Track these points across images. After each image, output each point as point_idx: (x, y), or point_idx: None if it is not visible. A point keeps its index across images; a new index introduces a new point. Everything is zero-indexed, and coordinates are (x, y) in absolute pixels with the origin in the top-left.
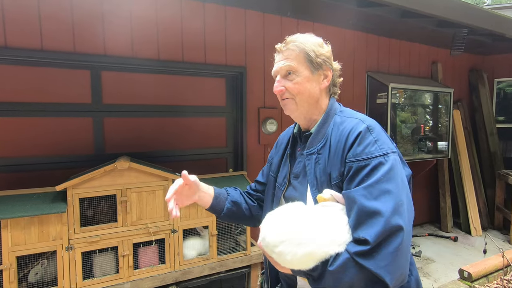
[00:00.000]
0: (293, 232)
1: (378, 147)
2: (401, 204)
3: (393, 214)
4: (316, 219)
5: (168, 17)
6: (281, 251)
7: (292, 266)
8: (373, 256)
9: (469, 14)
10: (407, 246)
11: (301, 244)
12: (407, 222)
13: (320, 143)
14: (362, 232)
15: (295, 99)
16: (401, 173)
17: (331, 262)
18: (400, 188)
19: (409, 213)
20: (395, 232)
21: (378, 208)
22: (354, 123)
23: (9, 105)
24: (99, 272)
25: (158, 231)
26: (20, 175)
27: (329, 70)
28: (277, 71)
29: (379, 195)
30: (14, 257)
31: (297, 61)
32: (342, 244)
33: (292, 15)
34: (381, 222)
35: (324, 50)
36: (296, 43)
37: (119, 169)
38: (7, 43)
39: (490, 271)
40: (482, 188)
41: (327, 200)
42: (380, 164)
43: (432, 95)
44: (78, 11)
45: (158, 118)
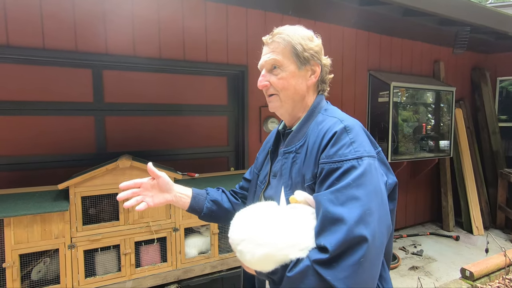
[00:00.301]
0: (253, 231)
1: (353, 150)
2: (369, 213)
3: (358, 223)
4: (281, 221)
5: (169, 16)
6: (241, 250)
7: (252, 266)
8: (333, 266)
9: (472, 12)
10: (373, 259)
11: (261, 245)
12: (376, 234)
13: (299, 142)
14: (323, 239)
15: (280, 95)
16: (376, 180)
17: (290, 267)
18: (371, 196)
19: (380, 224)
20: (357, 243)
21: (342, 215)
22: (332, 122)
23: (12, 104)
24: (101, 270)
25: (159, 230)
26: (23, 173)
27: (317, 66)
28: (263, 64)
29: (346, 201)
30: (17, 255)
31: (282, 55)
32: (305, 250)
33: (294, 13)
34: (344, 230)
35: (313, 44)
36: (283, 36)
37: (121, 168)
38: (9, 42)
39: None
40: (484, 187)
41: (299, 202)
42: (352, 168)
43: (434, 93)
44: (80, 10)
45: (160, 117)
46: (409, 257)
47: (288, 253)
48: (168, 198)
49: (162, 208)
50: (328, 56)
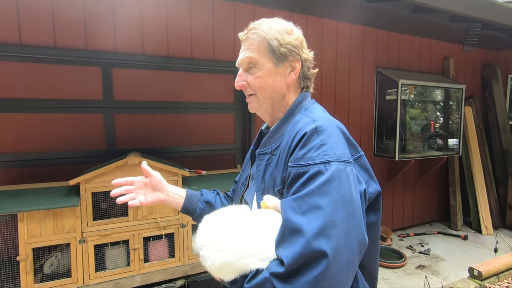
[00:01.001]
0: (215, 237)
1: (322, 153)
2: (331, 225)
3: (317, 236)
4: (245, 227)
5: (177, 14)
6: (203, 255)
7: (213, 274)
8: (290, 281)
9: (483, 8)
10: (335, 277)
11: (220, 251)
12: (341, 248)
13: (275, 143)
14: (281, 250)
15: (257, 95)
16: (345, 187)
17: (249, 278)
18: (337, 206)
19: (348, 238)
20: (316, 259)
21: (301, 226)
22: (305, 122)
23: (24, 101)
24: (111, 264)
25: (167, 226)
26: (35, 169)
27: (297, 61)
28: (239, 63)
29: (308, 210)
30: (30, 249)
31: (257, 52)
32: (266, 260)
33: (301, 11)
34: (301, 243)
35: (292, 38)
36: (257, 31)
37: (130, 164)
38: (22, 41)
39: (501, 270)
40: (494, 186)
41: (269, 207)
42: (318, 173)
43: (443, 91)
44: (90, 9)
45: (168, 114)
46: (416, 256)
47: (248, 262)
48: (160, 197)
49: None
50: (336, 53)
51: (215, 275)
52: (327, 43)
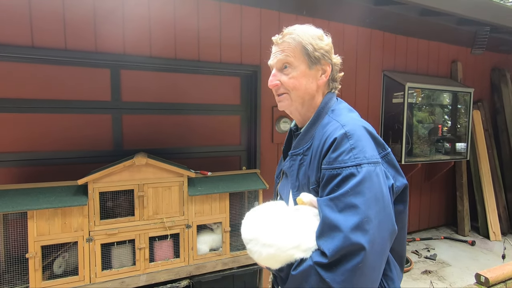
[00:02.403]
0: (260, 232)
1: (353, 156)
2: (366, 221)
3: (354, 230)
4: (286, 222)
5: (185, 16)
6: (250, 249)
7: (260, 264)
8: (332, 269)
9: (492, 11)
10: (371, 266)
11: (266, 246)
12: (376, 240)
13: (306, 144)
14: (322, 243)
15: (290, 94)
16: (376, 186)
17: (295, 266)
18: (371, 203)
19: (381, 230)
20: (354, 251)
21: (339, 223)
22: (334, 127)
23: (35, 102)
24: (117, 263)
25: (173, 226)
26: (44, 168)
27: (327, 65)
28: (273, 64)
29: (344, 208)
30: (39, 246)
31: (293, 54)
32: (308, 251)
33: (308, 13)
34: (340, 237)
35: (324, 43)
36: (293, 35)
37: (137, 165)
38: (34, 43)
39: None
40: (503, 192)
41: (305, 204)
42: (351, 175)
43: (451, 95)
44: (100, 12)
45: (175, 115)
46: (422, 261)
47: (292, 253)
48: None
49: (175, 204)
50: (342, 56)
51: (262, 264)
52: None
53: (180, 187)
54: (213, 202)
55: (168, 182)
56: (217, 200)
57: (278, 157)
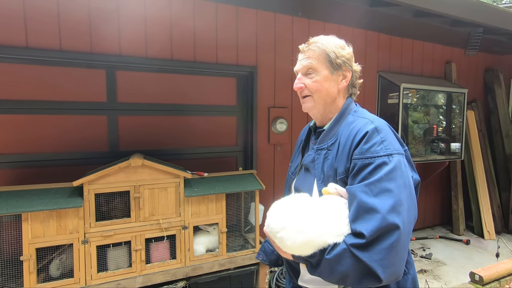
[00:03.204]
0: (293, 220)
1: (384, 147)
2: (400, 204)
3: (391, 212)
4: (317, 210)
5: (181, 18)
6: (282, 237)
7: (292, 252)
8: (368, 249)
9: (484, 13)
10: (403, 244)
11: (300, 232)
12: (406, 222)
13: (331, 140)
14: (359, 225)
15: (313, 96)
16: (405, 174)
17: (328, 250)
18: (401, 189)
19: (409, 214)
20: (391, 230)
21: (375, 205)
22: (363, 123)
23: (29, 103)
24: (113, 265)
25: (169, 227)
26: (39, 170)
27: (348, 71)
28: (299, 69)
29: (379, 193)
30: (33, 249)
31: (317, 61)
32: (340, 235)
33: (304, 14)
34: (378, 218)
35: (345, 52)
36: (318, 44)
37: (133, 166)
38: (28, 44)
39: (502, 275)
40: (497, 191)
41: (331, 193)
42: (383, 163)
43: (446, 95)
44: (95, 12)
45: (171, 116)
46: (418, 260)
47: (326, 239)
48: None
49: (172, 206)
50: None
51: (293, 252)
52: None
53: (176, 188)
54: (209, 203)
55: (164, 183)
56: (214, 201)
57: (274, 157)
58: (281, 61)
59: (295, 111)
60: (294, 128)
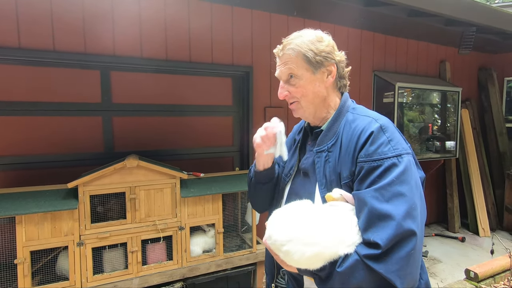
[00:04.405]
0: (300, 231)
1: (392, 148)
2: (414, 207)
3: (406, 218)
4: (325, 219)
5: (176, 18)
6: (288, 250)
7: (299, 266)
8: (384, 260)
9: (477, 12)
10: (419, 251)
11: (309, 244)
12: (420, 226)
13: (331, 141)
14: (372, 234)
15: (300, 102)
16: (415, 175)
17: (340, 263)
18: (414, 191)
19: (422, 216)
20: (407, 237)
21: (389, 211)
22: (367, 121)
23: (22, 104)
24: (109, 267)
25: (165, 228)
26: (33, 172)
27: (332, 65)
28: (279, 75)
29: (391, 197)
30: (28, 252)
31: (296, 64)
32: (351, 245)
33: (299, 14)
34: (393, 225)
35: (323, 45)
36: (292, 46)
37: (128, 167)
38: (21, 44)
39: (497, 271)
40: (491, 189)
41: (336, 199)
42: (393, 165)
43: (440, 94)
44: (89, 12)
45: (166, 117)
46: None
47: (337, 250)
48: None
49: (168, 206)
50: None
51: (301, 266)
52: None
53: (172, 189)
54: (206, 204)
55: (160, 184)
56: (210, 201)
57: None
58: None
59: (291, 111)
60: (290, 128)
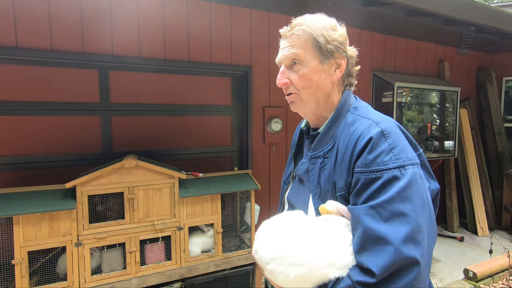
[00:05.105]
0: (286, 249)
1: (394, 157)
2: (418, 230)
3: (406, 242)
4: (315, 236)
5: (174, 17)
6: (272, 270)
7: (285, 286)
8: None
9: (476, 12)
10: (423, 281)
11: (294, 265)
12: (426, 252)
13: (327, 146)
14: (366, 259)
15: (301, 94)
16: (422, 190)
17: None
18: (419, 210)
19: (429, 239)
20: (407, 266)
21: (386, 234)
22: (366, 125)
23: (20, 104)
24: (107, 267)
25: (164, 228)
26: (31, 172)
27: (342, 58)
28: (281, 60)
29: (390, 217)
30: (25, 252)
31: (303, 49)
32: (344, 268)
33: (298, 14)
34: (390, 251)
35: (337, 34)
36: (303, 27)
37: (126, 167)
38: (18, 44)
39: (496, 271)
40: (490, 188)
41: (331, 213)
42: (394, 178)
43: (439, 94)
44: (87, 12)
45: (165, 117)
46: None
47: (326, 272)
48: None
49: (166, 207)
50: None
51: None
52: None
53: (171, 189)
54: (204, 204)
55: (158, 184)
56: (209, 201)
57: (270, 157)
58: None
59: (290, 110)
60: (289, 127)
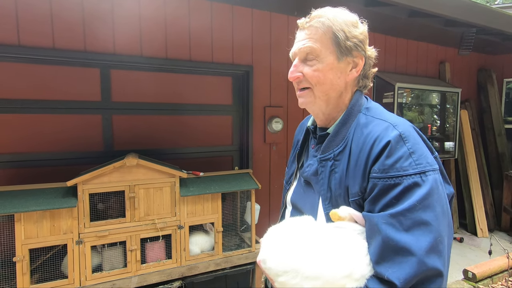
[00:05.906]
0: (300, 261)
1: (414, 163)
2: (440, 240)
3: (430, 253)
4: (329, 245)
5: (176, 16)
6: (285, 282)
7: None
8: None
9: (477, 13)
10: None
11: (310, 278)
12: (447, 263)
13: (338, 147)
14: (387, 271)
15: (314, 90)
16: (443, 198)
17: None
18: (440, 219)
19: (448, 249)
20: (431, 278)
21: (408, 245)
22: (383, 127)
23: (22, 102)
24: (108, 265)
25: (165, 227)
26: (32, 170)
27: (360, 58)
28: (296, 52)
29: (412, 227)
30: (27, 250)
31: (321, 43)
32: (361, 279)
33: (299, 14)
34: (413, 263)
35: (358, 31)
36: (322, 19)
37: (127, 166)
38: (21, 42)
39: (495, 272)
40: (489, 189)
41: (343, 219)
42: (415, 185)
43: (440, 94)
44: (89, 11)
45: (166, 116)
46: None
47: (344, 283)
48: None
49: (167, 205)
50: None
51: None
52: None
53: (172, 188)
54: (205, 203)
55: (159, 182)
56: (209, 200)
57: (270, 157)
58: (277, 60)
59: (291, 110)
60: (290, 127)
